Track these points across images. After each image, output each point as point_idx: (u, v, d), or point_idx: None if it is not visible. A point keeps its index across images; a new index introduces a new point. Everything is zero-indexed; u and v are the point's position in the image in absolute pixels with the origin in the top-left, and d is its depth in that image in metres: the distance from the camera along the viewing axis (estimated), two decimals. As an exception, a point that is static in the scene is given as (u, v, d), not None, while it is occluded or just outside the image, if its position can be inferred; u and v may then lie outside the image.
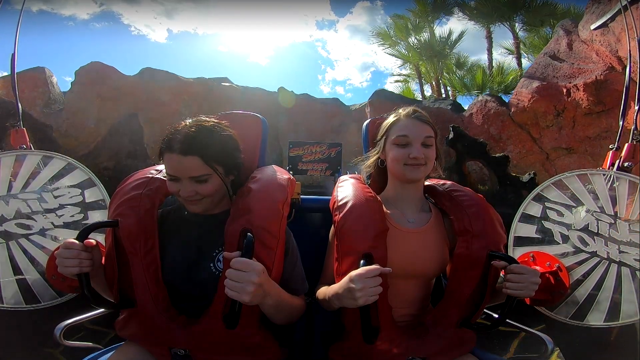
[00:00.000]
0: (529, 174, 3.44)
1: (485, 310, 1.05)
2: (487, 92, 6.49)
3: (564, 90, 4.05)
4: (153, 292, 0.93)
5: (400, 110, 1.08)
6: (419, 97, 8.43)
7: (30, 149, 1.72)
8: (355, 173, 1.26)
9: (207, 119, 0.97)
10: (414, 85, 9.50)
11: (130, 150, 2.98)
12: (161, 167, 1.09)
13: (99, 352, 0.99)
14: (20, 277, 1.52)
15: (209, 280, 0.93)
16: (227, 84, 5.29)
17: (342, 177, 1.18)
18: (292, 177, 1.07)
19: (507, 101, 4.61)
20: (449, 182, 1.14)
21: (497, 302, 1.00)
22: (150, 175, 1.04)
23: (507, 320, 0.92)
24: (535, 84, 4.21)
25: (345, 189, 1.07)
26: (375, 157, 1.12)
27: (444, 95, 8.14)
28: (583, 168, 1.66)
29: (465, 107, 4.92)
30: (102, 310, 1.00)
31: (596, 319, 1.45)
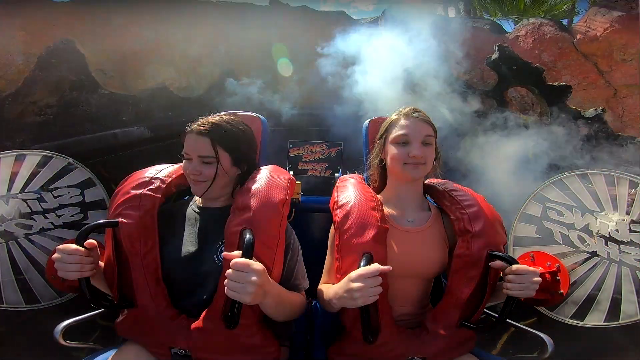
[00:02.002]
0: (596, 109, 2.92)
1: (485, 310, 1.05)
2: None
3: (659, 24, 3.41)
4: (153, 292, 0.93)
5: (401, 109, 1.08)
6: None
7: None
8: (355, 173, 1.26)
9: (225, 115, 1.08)
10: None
11: (73, 81, 2.59)
12: (161, 167, 1.09)
13: (99, 352, 0.99)
14: (20, 277, 1.52)
15: (211, 271, 0.94)
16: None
17: (342, 177, 1.18)
18: (292, 177, 1.08)
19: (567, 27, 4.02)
20: (448, 182, 1.14)
21: (497, 301, 1.00)
22: (151, 175, 1.04)
23: (507, 320, 0.92)
24: (617, 12, 3.72)
25: (345, 189, 1.07)
26: (377, 159, 1.12)
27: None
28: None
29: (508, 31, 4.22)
30: (102, 310, 1.00)
31: (596, 319, 1.45)
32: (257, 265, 0.78)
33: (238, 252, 0.82)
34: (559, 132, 2.59)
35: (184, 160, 1.01)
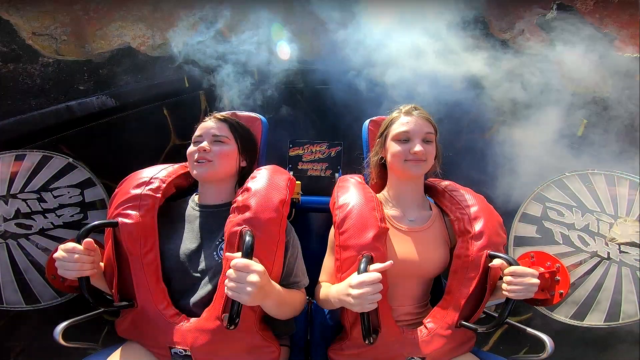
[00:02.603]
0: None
1: (485, 310, 1.05)
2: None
3: None
4: (153, 292, 0.93)
5: (401, 107, 1.09)
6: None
7: None
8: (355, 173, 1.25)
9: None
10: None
11: (5, 53, 2.14)
12: (161, 166, 1.10)
13: (99, 352, 0.99)
14: (20, 277, 1.51)
15: (211, 268, 0.95)
16: None
17: (343, 177, 1.18)
18: (292, 177, 1.08)
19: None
20: (449, 182, 1.14)
21: (497, 298, 1.00)
22: (150, 175, 1.04)
23: (507, 320, 0.92)
24: None
25: (345, 189, 1.07)
26: (377, 157, 1.12)
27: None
28: None
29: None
30: (102, 310, 1.00)
31: (596, 319, 1.45)
32: (257, 266, 0.78)
33: (239, 253, 0.82)
34: (618, 110, 2.03)
35: (191, 145, 1.06)
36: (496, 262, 0.91)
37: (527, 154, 1.75)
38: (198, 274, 0.96)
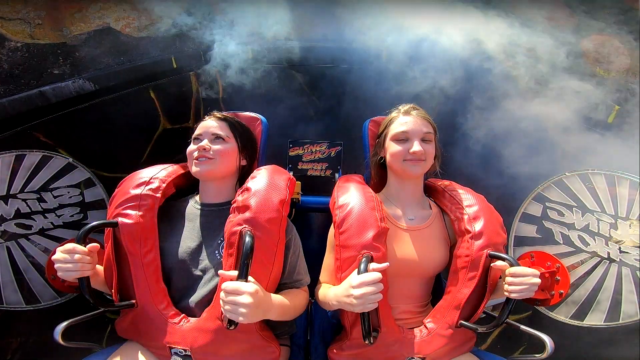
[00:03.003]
0: None
1: (485, 310, 1.05)
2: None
3: None
4: (153, 292, 0.93)
5: (400, 107, 1.09)
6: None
7: None
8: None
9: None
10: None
11: None
12: (161, 166, 1.10)
13: (99, 351, 0.99)
14: (20, 277, 1.52)
15: (213, 266, 0.95)
16: None
17: (342, 177, 1.18)
18: (292, 177, 1.08)
19: None
20: (448, 182, 1.14)
21: (497, 297, 1.00)
22: (150, 175, 1.04)
23: (507, 320, 0.92)
24: None
25: (345, 189, 1.07)
26: (377, 157, 1.12)
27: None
28: None
29: None
30: (102, 310, 1.00)
31: (596, 319, 1.45)
32: (248, 287, 0.77)
33: (235, 272, 0.80)
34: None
35: (191, 143, 1.07)
36: (498, 264, 0.91)
37: (550, 140, 1.63)
38: (199, 272, 0.96)
